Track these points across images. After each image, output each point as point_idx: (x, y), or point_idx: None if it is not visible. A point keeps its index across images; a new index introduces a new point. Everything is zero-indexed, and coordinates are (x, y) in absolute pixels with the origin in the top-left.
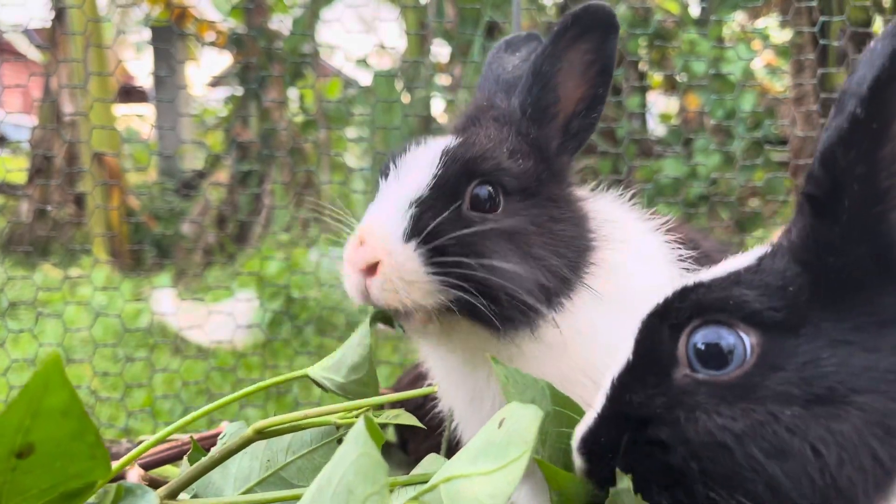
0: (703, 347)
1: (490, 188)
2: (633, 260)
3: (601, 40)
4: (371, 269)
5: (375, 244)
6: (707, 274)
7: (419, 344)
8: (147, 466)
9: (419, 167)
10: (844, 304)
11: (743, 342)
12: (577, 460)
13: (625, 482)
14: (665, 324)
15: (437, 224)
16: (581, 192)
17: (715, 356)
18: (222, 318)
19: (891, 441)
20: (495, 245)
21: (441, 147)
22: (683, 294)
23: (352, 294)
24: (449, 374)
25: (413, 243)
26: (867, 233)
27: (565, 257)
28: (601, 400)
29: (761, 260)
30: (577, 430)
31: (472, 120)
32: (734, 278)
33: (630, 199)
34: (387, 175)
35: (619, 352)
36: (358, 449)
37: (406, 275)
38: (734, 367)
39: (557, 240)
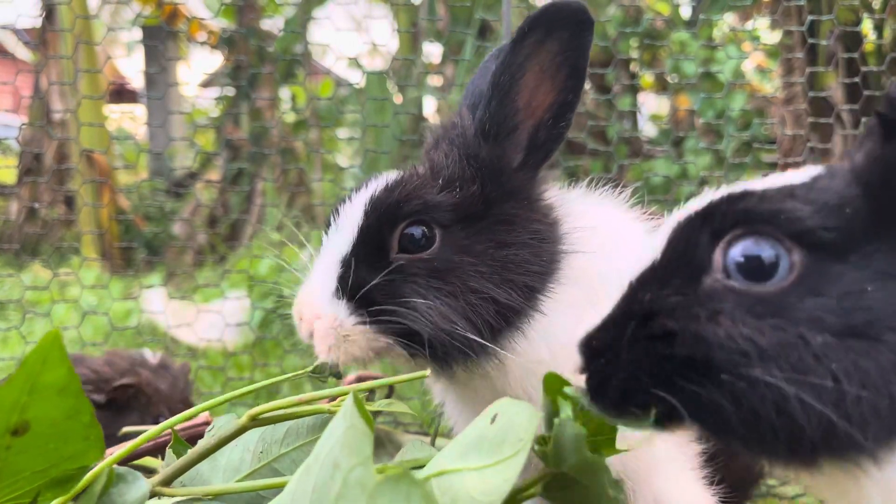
0: (742, 259)
1: (423, 227)
2: (619, 267)
3: (570, 39)
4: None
5: (308, 317)
6: (755, 184)
7: None
8: (126, 460)
9: (349, 220)
10: None
11: (787, 258)
12: (577, 358)
13: (566, 411)
14: (706, 227)
15: (360, 277)
16: (564, 196)
17: (756, 269)
18: (212, 317)
19: None
20: (417, 284)
21: (369, 195)
22: (731, 200)
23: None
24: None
25: (342, 302)
26: None
27: (513, 283)
28: (615, 301)
29: (816, 180)
30: (582, 328)
31: (435, 143)
32: (788, 191)
33: (626, 199)
34: (328, 229)
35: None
36: (345, 423)
37: (340, 331)
38: (775, 282)
39: (503, 266)
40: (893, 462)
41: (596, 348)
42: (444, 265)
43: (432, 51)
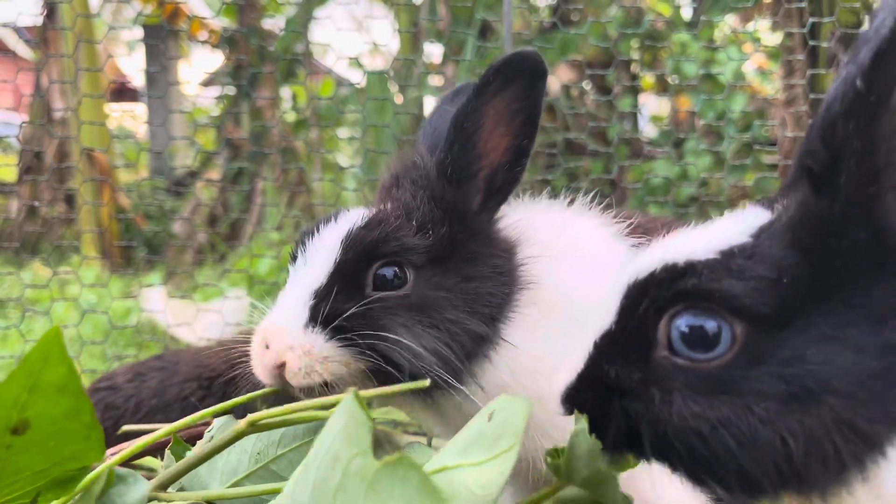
0: (686, 330)
1: (396, 268)
2: (583, 281)
3: (527, 88)
4: (282, 366)
5: (278, 346)
6: (700, 247)
7: None
8: (126, 460)
9: (322, 253)
10: (840, 295)
11: (729, 330)
12: (559, 410)
13: (581, 424)
14: (649, 301)
15: (335, 308)
16: (522, 217)
17: (700, 339)
18: (212, 316)
19: (854, 439)
20: (398, 317)
21: (344, 230)
22: (672, 278)
23: (267, 381)
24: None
25: (313, 328)
26: (864, 214)
27: (479, 314)
28: (583, 356)
29: (758, 239)
30: (559, 380)
31: (395, 181)
32: (725, 264)
33: (591, 205)
34: (295, 260)
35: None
36: (344, 417)
37: (317, 354)
38: (718, 354)
39: (472, 299)
40: (846, 492)
41: (575, 404)
42: (420, 301)
43: (433, 51)
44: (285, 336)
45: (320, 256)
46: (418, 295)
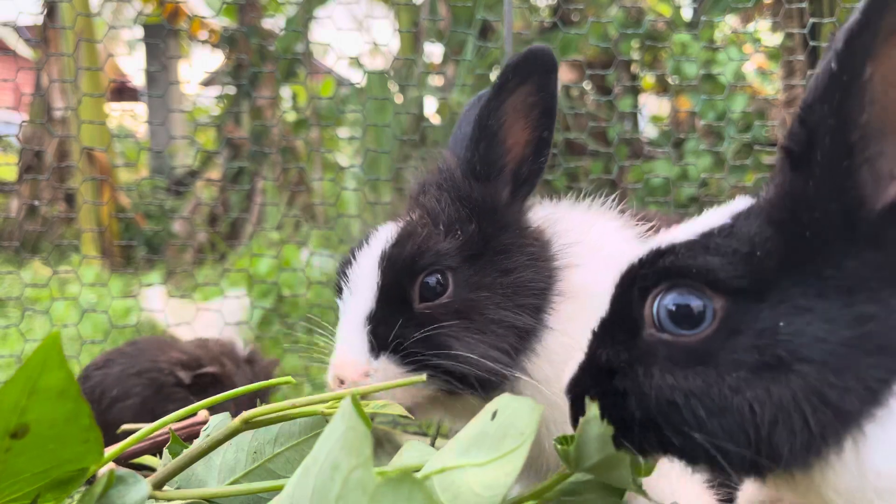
0: (673, 308)
1: (437, 275)
2: (606, 278)
3: (541, 82)
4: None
5: (353, 377)
6: (683, 232)
7: None
8: (124, 458)
9: (365, 279)
10: (813, 267)
11: (711, 305)
12: (567, 401)
13: (592, 410)
14: (635, 285)
15: (396, 333)
16: (552, 214)
17: (686, 317)
18: (212, 315)
19: (824, 410)
20: (453, 329)
21: (378, 252)
22: (654, 259)
23: None
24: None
25: (382, 356)
26: (836, 188)
27: (524, 305)
28: (585, 349)
29: (736, 220)
30: (566, 374)
31: (422, 188)
32: (703, 243)
33: (614, 206)
34: (340, 292)
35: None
36: (344, 425)
37: (392, 377)
38: (702, 329)
39: (513, 291)
40: (825, 466)
41: (577, 391)
42: (463, 305)
43: (433, 51)
44: (356, 367)
45: (363, 283)
46: (460, 300)
